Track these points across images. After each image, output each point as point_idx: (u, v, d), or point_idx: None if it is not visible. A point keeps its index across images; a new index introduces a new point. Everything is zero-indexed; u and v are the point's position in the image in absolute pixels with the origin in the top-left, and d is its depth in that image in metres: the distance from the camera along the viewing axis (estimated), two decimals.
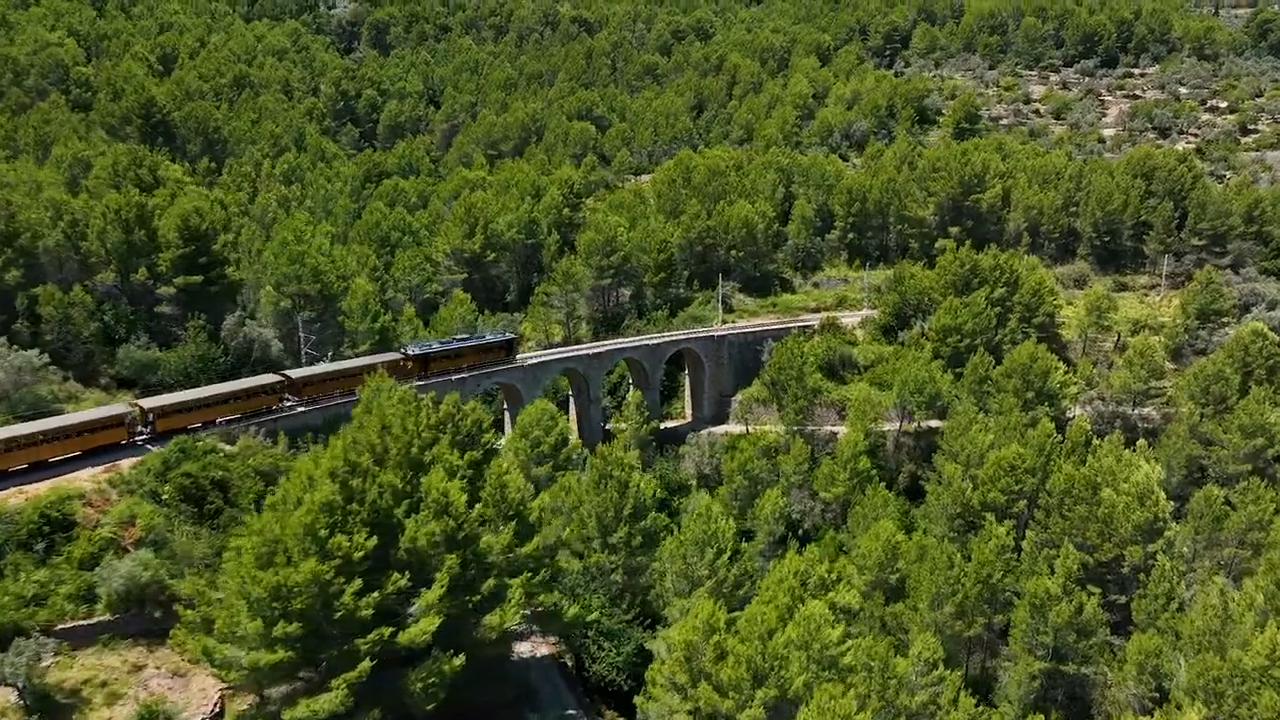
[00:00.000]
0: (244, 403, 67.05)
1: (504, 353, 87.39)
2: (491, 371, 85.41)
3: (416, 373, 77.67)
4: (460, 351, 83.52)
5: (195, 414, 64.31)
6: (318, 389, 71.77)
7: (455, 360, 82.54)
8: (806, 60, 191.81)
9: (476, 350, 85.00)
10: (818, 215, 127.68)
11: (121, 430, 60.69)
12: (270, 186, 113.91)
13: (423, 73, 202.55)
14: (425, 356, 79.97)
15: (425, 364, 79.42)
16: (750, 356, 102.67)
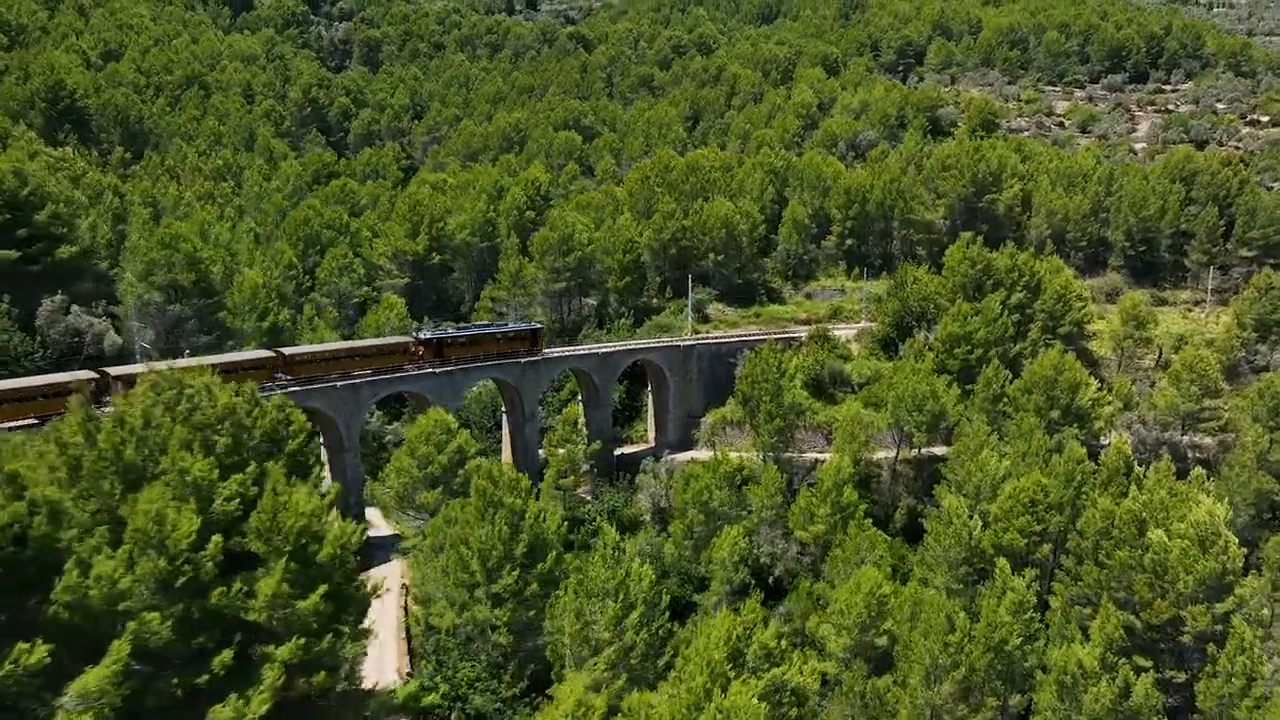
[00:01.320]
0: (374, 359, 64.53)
1: (528, 343, 77.52)
2: (503, 364, 75.17)
3: (428, 359, 71.12)
4: (478, 338, 74.79)
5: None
6: (312, 368, 64.71)
7: (472, 348, 74.00)
8: (812, 71, 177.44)
9: (495, 338, 75.69)
10: (812, 219, 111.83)
11: None
12: (194, 180, 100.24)
13: (410, 88, 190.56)
14: (438, 342, 72.16)
15: (439, 350, 71.69)
16: (724, 371, 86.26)
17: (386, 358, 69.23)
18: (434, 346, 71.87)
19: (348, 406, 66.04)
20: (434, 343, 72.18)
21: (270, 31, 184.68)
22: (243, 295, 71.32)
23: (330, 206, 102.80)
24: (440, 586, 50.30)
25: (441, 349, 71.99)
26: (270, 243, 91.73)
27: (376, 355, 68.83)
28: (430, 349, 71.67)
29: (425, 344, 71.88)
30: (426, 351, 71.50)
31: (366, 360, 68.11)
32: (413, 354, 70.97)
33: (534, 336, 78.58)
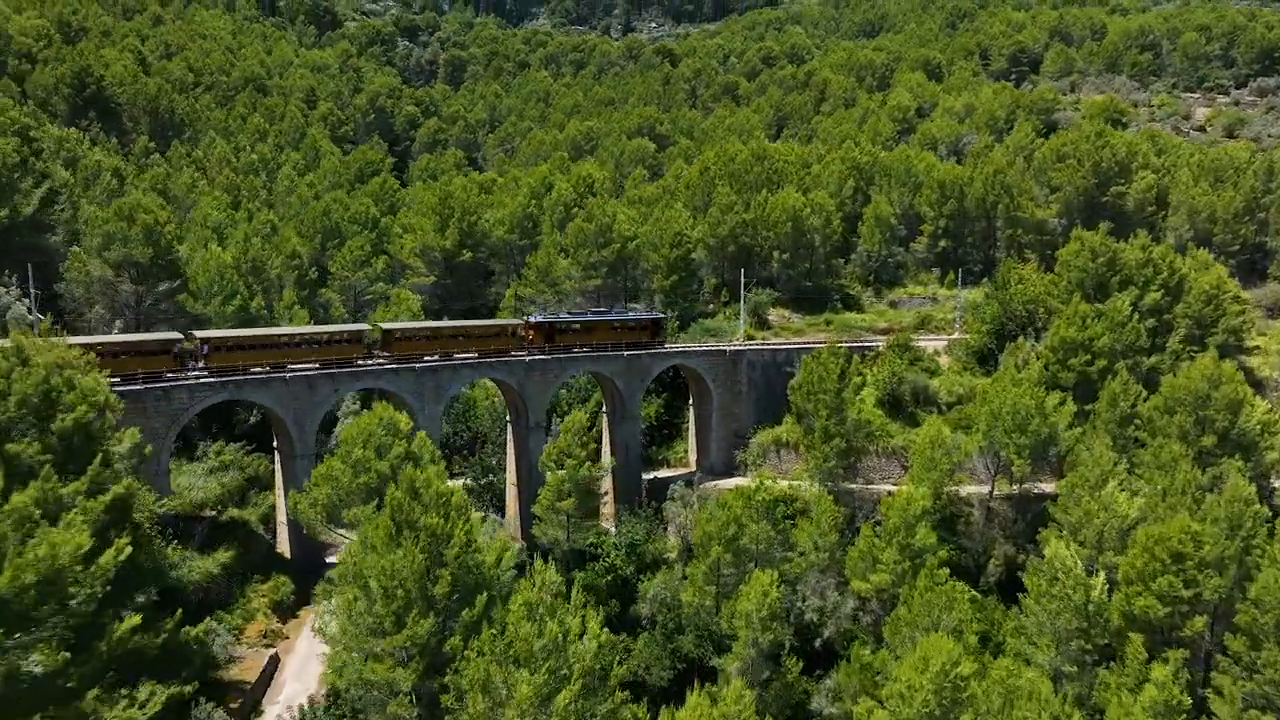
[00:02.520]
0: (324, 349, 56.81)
1: (648, 334, 70.23)
2: (614, 356, 67.23)
3: (537, 343, 65.07)
4: (593, 325, 68.12)
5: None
6: (410, 346, 60.15)
7: (585, 335, 67.33)
8: (911, 76, 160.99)
9: (613, 326, 68.75)
10: (900, 219, 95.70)
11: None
12: (220, 172, 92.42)
13: (490, 103, 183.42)
14: (549, 326, 66.11)
15: (549, 335, 65.66)
16: (780, 383, 70.99)
17: (492, 340, 63.72)
18: (544, 331, 65.48)
19: (429, 390, 59.05)
20: (545, 326, 65.65)
21: (346, 44, 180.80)
22: (207, 276, 60.95)
23: (358, 200, 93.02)
24: (343, 632, 37.12)
25: (552, 334, 65.63)
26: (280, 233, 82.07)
27: (483, 336, 63.51)
28: (540, 333, 65.26)
29: (536, 327, 65.44)
30: (536, 335, 65.19)
31: (471, 341, 62.79)
32: (521, 337, 65.00)
33: (656, 327, 70.51)
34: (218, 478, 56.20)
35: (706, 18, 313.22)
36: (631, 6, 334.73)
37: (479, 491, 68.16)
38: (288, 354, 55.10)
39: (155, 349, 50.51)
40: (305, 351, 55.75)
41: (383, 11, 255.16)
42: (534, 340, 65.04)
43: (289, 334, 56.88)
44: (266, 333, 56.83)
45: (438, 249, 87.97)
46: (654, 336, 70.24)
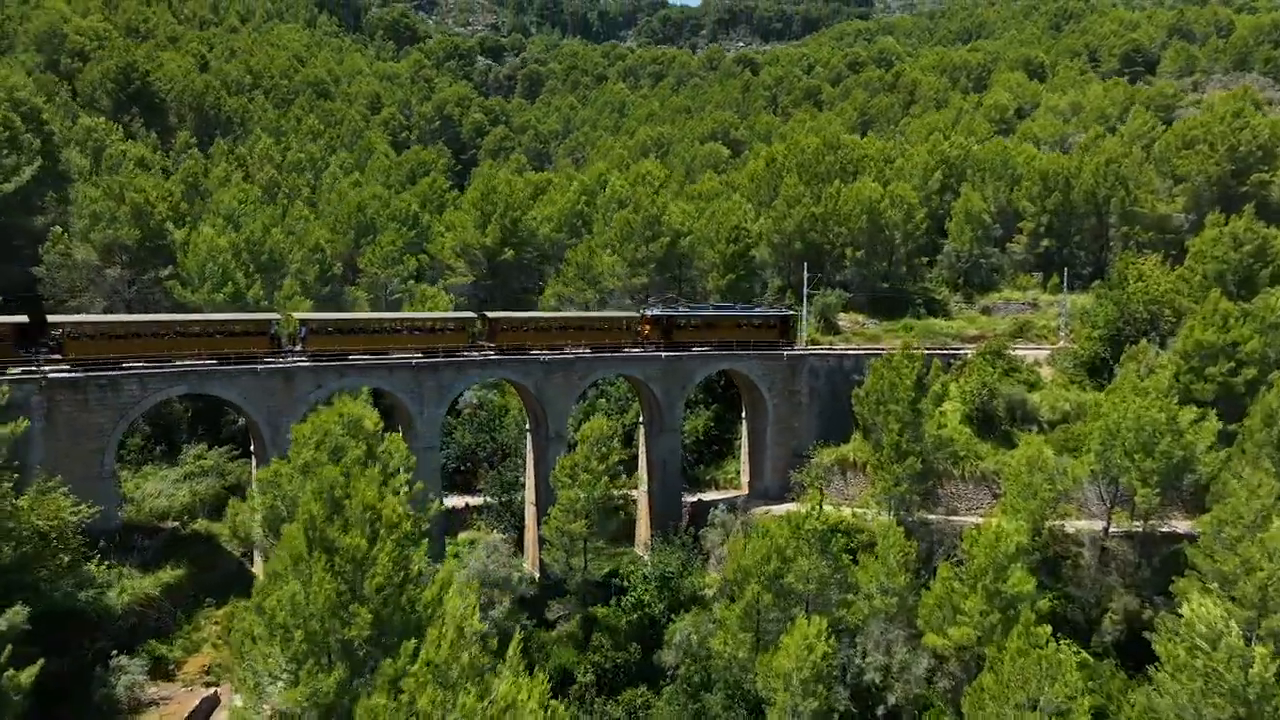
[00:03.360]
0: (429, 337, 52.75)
1: (776, 332, 63.54)
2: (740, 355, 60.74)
3: (653, 339, 59.75)
4: (715, 321, 61.87)
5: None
6: (517, 336, 55.56)
7: (706, 332, 61.33)
8: (1011, 75, 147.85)
9: (737, 323, 62.30)
10: (995, 217, 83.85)
11: None
12: (262, 168, 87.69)
13: (565, 115, 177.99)
14: (668, 321, 60.55)
15: (667, 331, 60.18)
16: (849, 394, 60.07)
17: (605, 333, 58.62)
18: (662, 326, 60.19)
19: (556, 385, 54.17)
20: (663, 321, 60.26)
21: (420, 55, 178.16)
22: (196, 260, 54.60)
23: (400, 196, 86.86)
24: (241, 682, 28.78)
25: (670, 329, 60.24)
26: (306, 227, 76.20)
27: (595, 329, 58.45)
28: (657, 328, 60.10)
29: (653, 322, 60.28)
30: (653, 330, 60.17)
31: (583, 334, 57.77)
32: (638, 332, 60.05)
33: (784, 325, 64.15)
34: (190, 485, 49.21)
35: (795, 35, 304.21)
36: (719, 27, 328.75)
37: (498, 510, 59.71)
38: (391, 340, 51.35)
39: (250, 329, 47.23)
40: (408, 339, 51.69)
41: (469, 35, 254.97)
42: (650, 336, 59.69)
43: (392, 319, 52.97)
44: (368, 317, 53.47)
45: (478, 246, 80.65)
46: (782, 335, 63.45)
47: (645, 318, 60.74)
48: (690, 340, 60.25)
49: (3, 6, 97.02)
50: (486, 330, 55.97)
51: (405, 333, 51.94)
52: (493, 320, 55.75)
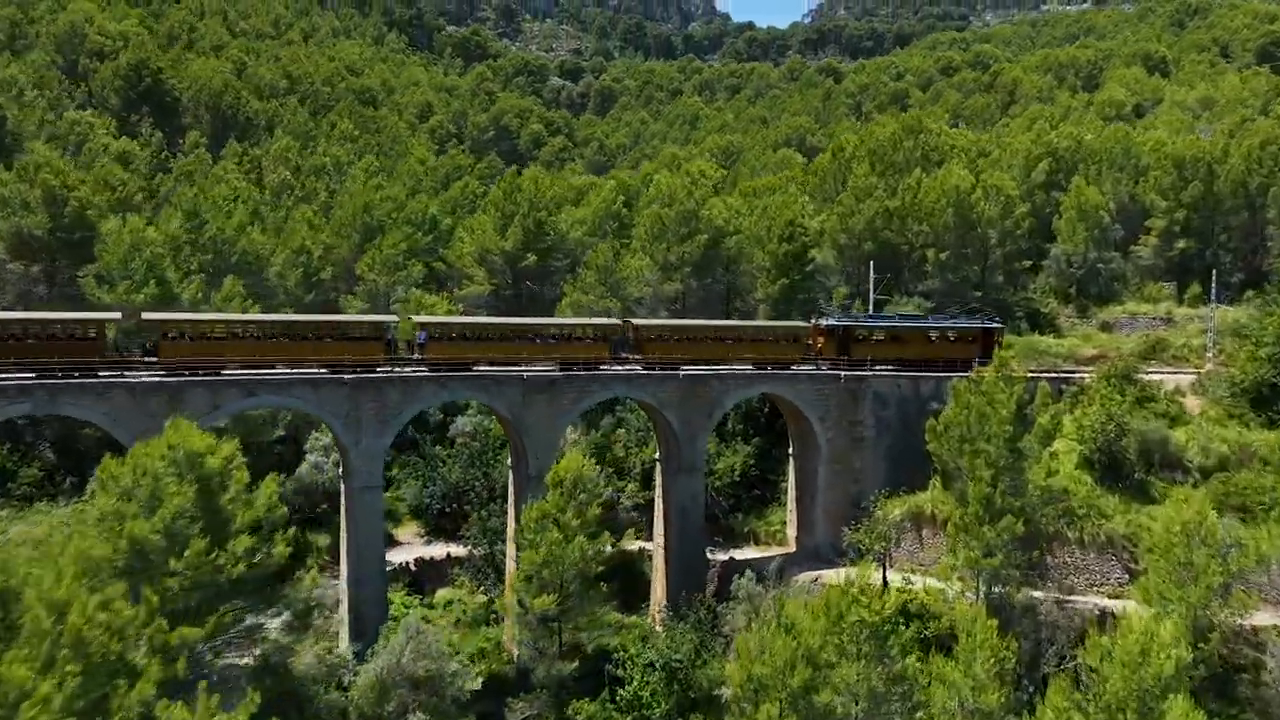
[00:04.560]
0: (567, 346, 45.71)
1: (978, 347, 51.36)
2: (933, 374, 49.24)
3: (828, 354, 49.70)
4: (902, 333, 51.09)
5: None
6: (665, 348, 47.21)
7: (892, 346, 50.55)
8: (1128, 71, 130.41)
9: (928, 336, 51.36)
10: (1115, 216, 68.36)
11: None
12: (275, 170, 79.52)
13: (635, 130, 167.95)
14: (845, 332, 50.13)
15: (843, 344, 49.87)
16: (922, 426, 46.39)
17: (770, 346, 49.43)
18: (838, 337, 49.99)
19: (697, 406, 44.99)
20: (839, 332, 50.12)
21: (484, 70, 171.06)
22: (116, 254, 44.96)
23: (416, 198, 77.21)
24: None
25: (848, 342, 49.92)
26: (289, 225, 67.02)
27: (758, 340, 49.49)
28: (832, 340, 50.04)
29: (828, 333, 50.32)
30: (826, 343, 50.18)
31: (744, 346, 48.81)
32: (808, 345, 50.42)
33: (987, 340, 51.68)
34: None
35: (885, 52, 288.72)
36: (806, 47, 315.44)
37: (479, 565, 47.86)
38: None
39: (367, 334, 41.25)
40: (542, 348, 44.82)
41: (550, 59, 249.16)
42: (823, 350, 50.02)
43: (525, 325, 46.82)
44: (497, 322, 48.25)
45: (497, 251, 69.82)
46: (987, 352, 50.45)
47: (818, 328, 50.77)
48: (871, 356, 49.69)
49: (29, 7, 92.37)
50: (632, 339, 48.05)
51: (540, 341, 45.18)
52: (638, 328, 47.80)
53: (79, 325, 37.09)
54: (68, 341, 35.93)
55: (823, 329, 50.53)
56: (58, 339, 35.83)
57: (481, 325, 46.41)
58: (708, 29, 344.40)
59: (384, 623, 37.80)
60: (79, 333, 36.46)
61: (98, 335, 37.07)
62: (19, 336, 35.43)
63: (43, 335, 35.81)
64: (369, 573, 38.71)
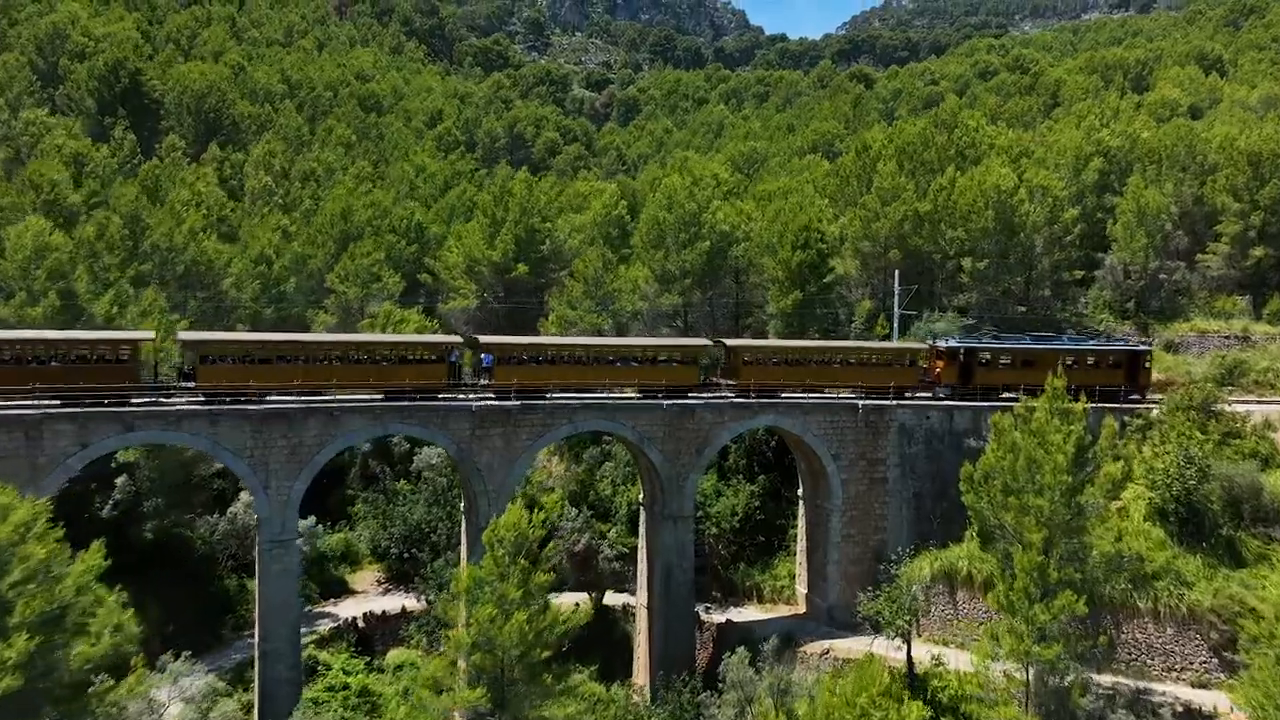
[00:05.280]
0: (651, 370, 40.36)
1: (1122, 375, 44.34)
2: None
3: (947, 380, 43.18)
4: (1034, 357, 43.17)
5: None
6: (765, 373, 41.35)
7: (1021, 372, 42.85)
8: (1181, 70, 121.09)
9: (1065, 361, 41.98)
10: (1177, 222, 59.99)
11: None
12: (256, 175, 73.80)
13: (657, 138, 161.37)
14: (967, 355, 43.32)
15: (965, 370, 43.16)
16: (957, 467, 38.63)
17: (879, 371, 42.94)
18: (959, 362, 43.24)
19: (686, 441, 38.19)
20: (959, 355, 43.30)
21: (501, 78, 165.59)
22: (14, 261, 38.87)
23: (401, 203, 71.01)
24: None
25: (971, 366, 43.17)
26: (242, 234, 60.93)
27: (866, 364, 42.93)
28: (951, 364, 43.36)
29: (948, 356, 43.63)
30: (945, 368, 43.56)
31: (850, 370, 42.72)
32: (924, 369, 44.24)
33: (1133, 364, 44.86)
34: None
35: (922, 61, 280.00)
36: (840, 58, 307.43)
37: (434, 623, 40.83)
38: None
39: (428, 356, 36.91)
40: (622, 371, 39.87)
41: (578, 71, 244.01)
42: (942, 375, 43.58)
43: (604, 346, 41.63)
44: (572, 343, 42.25)
45: (484, 262, 63.19)
46: (1131, 380, 44.46)
47: (935, 350, 44.29)
48: (1000, 382, 42.82)
49: (14, 8, 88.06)
50: (725, 362, 42.87)
51: (620, 364, 40.35)
52: (731, 349, 42.35)
53: (109, 346, 33.28)
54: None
55: (941, 351, 43.69)
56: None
57: (555, 347, 41.25)
58: (739, 41, 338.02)
59: (296, 705, 30.87)
60: (109, 354, 32.44)
61: (130, 357, 32.97)
62: (41, 360, 31.65)
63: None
64: (279, 647, 31.91)
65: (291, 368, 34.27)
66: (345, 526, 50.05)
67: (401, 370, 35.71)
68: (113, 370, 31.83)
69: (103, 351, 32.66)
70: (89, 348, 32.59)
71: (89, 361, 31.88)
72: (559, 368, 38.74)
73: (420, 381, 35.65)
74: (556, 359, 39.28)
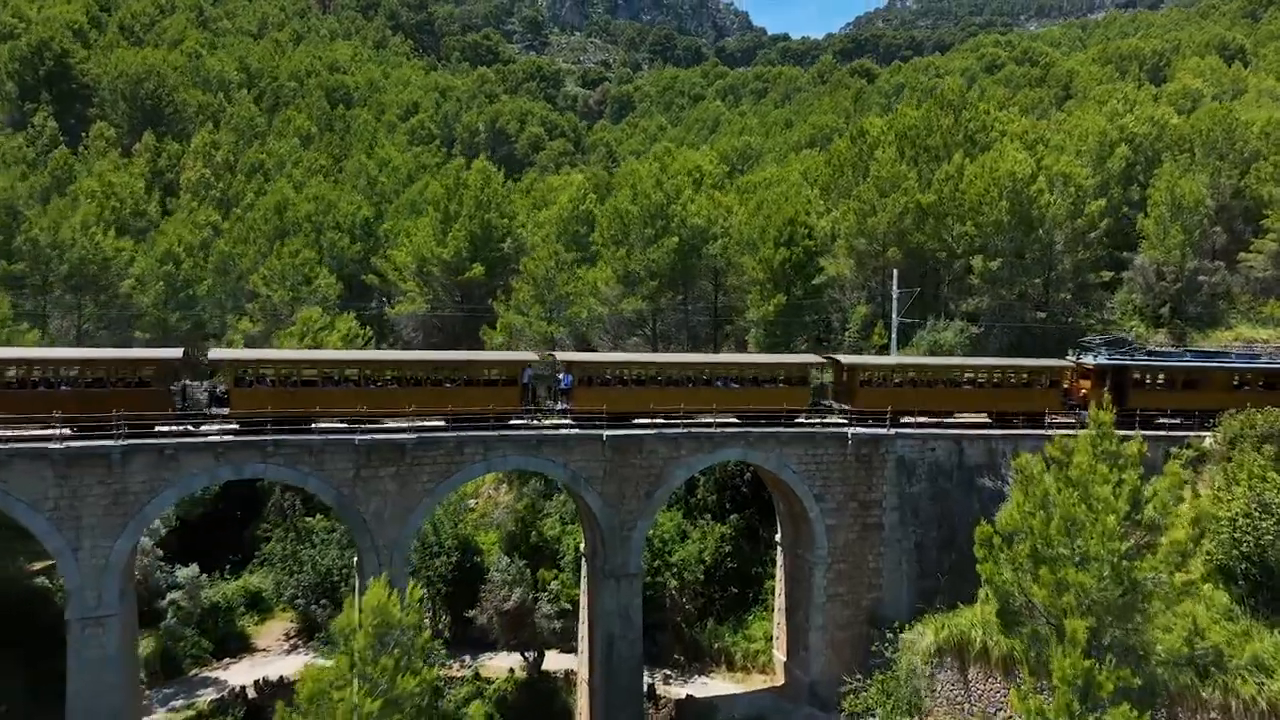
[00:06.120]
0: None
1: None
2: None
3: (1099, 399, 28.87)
4: (1200, 375, 37.20)
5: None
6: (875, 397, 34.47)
7: (1187, 395, 36.82)
8: (1201, 60, 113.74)
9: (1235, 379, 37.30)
10: (1214, 216, 52.60)
11: None
12: (193, 165, 66.73)
13: (651, 135, 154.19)
14: (1121, 374, 36.39)
15: (1118, 388, 35.58)
16: (975, 506, 31.32)
17: (1018, 392, 36.34)
18: (1111, 381, 36.11)
19: (631, 481, 30.95)
20: (1111, 374, 36.48)
21: (486, 72, 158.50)
22: None
23: (345, 195, 63.92)
24: None
25: (1124, 386, 36.32)
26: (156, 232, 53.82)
27: (998, 385, 36.39)
28: (1099, 384, 35.98)
29: (1095, 375, 36.95)
30: (1094, 388, 36.13)
31: (981, 393, 36.20)
32: (1067, 390, 37.76)
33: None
34: None
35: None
36: (842, 57, 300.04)
37: None
38: (712, 397, 33.33)
39: (500, 376, 31.79)
40: (726, 395, 33.66)
41: (576, 70, 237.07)
42: (1088, 396, 35.87)
43: (703, 365, 34.92)
44: (665, 361, 36.03)
45: (435, 261, 55.94)
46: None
47: (1081, 367, 37.67)
48: (1157, 405, 36.57)
49: None
50: (838, 382, 36.57)
51: (718, 385, 34.18)
52: (848, 368, 35.52)
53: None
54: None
55: (1088, 369, 37.23)
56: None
57: (645, 365, 35.41)
58: (741, 42, 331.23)
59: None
60: (129, 376, 27.96)
61: (154, 377, 28.01)
62: (50, 382, 27.13)
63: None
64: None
65: (342, 392, 29.38)
66: (259, 566, 42.82)
67: (468, 394, 30.76)
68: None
69: None
70: None
71: None
72: (652, 389, 33.11)
73: (489, 406, 30.59)
74: (648, 379, 33.67)
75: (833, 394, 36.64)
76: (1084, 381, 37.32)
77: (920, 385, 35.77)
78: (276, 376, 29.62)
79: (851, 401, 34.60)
